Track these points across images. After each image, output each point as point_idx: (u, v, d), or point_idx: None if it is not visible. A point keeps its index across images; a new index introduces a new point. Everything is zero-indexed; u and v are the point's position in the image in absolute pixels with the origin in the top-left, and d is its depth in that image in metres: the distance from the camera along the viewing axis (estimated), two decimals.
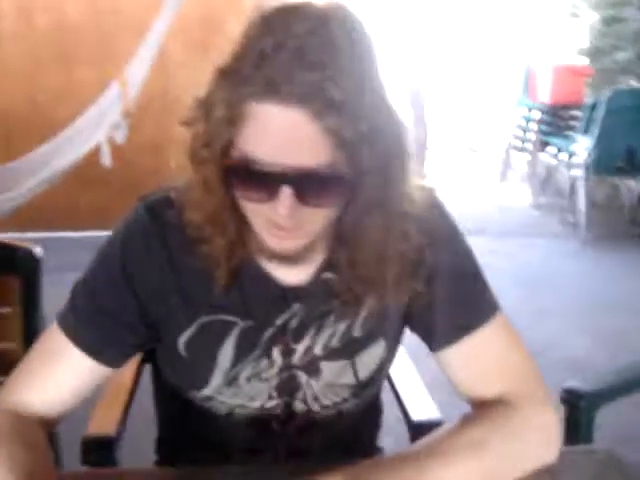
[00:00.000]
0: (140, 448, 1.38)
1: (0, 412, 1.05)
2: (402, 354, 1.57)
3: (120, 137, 3.71)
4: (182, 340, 1.11)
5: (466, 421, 1.07)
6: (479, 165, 7.46)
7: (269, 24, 0.91)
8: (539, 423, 1.07)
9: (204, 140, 0.95)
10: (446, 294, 1.10)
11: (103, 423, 1.39)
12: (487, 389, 1.10)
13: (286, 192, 0.91)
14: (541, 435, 1.06)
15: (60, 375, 1.08)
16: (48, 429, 1.08)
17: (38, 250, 1.60)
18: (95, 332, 1.08)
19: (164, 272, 1.08)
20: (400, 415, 1.49)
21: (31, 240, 1.62)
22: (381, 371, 1.19)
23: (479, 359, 1.11)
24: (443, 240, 1.10)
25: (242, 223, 1.02)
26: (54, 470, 1.01)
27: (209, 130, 0.94)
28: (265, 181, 0.92)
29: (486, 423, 1.05)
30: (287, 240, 0.99)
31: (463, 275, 1.13)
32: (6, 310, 1.58)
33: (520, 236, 5.39)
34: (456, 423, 1.07)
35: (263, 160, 0.90)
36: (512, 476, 1.02)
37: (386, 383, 1.56)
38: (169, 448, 1.35)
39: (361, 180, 0.94)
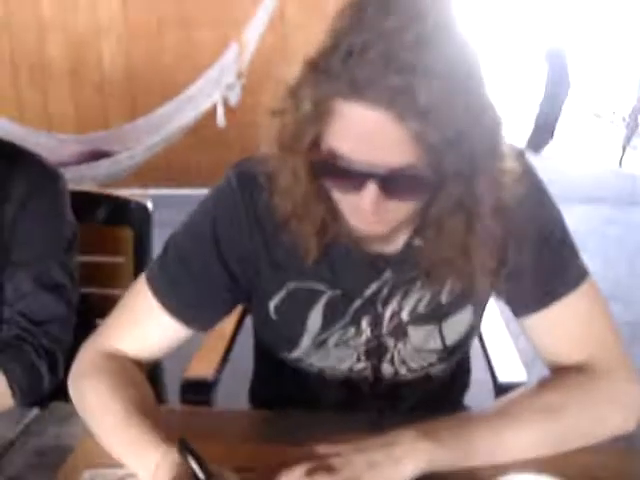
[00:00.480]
0: (236, 395, 1.46)
1: (99, 354, 1.14)
2: (495, 314, 1.58)
3: (234, 98, 3.79)
4: (272, 304, 1.15)
5: (543, 385, 1.08)
6: (603, 131, 7.21)
7: (361, 17, 0.88)
8: (618, 392, 1.06)
9: (292, 132, 0.96)
10: (534, 261, 1.09)
11: (202, 367, 1.49)
12: (569, 356, 1.10)
13: (371, 188, 0.92)
14: (619, 404, 1.06)
15: (147, 333, 1.15)
16: (144, 371, 1.16)
17: (149, 204, 1.69)
18: (183, 297, 1.12)
19: (253, 239, 1.11)
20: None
21: (148, 196, 1.71)
22: (468, 336, 1.21)
23: (563, 326, 1.10)
24: (532, 206, 1.08)
25: (330, 208, 1.03)
26: (156, 404, 1.09)
27: (297, 123, 0.94)
28: (351, 176, 0.93)
29: (563, 389, 1.06)
30: (373, 225, 1.00)
31: (551, 241, 1.11)
32: (119, 259, 1.70)
33: None
34: (533, 386, 1.09)
35: (349, 157, 0.91)
36: (586, 443, 1.03)
37: (476, 342, 1.59)
38: (262, 401, 1.41)
39: (444, 181, 0.93)
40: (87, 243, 1.56)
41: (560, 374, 1.10)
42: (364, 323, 1.15)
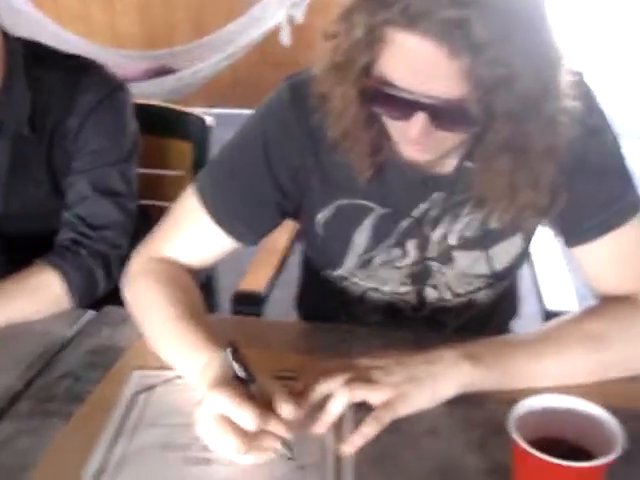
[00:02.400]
0: (286, 309, 1.48)
1: (151, 258, 1.16)
2: (549, 241, 1.55)
3: (299, 15, 3.74)
4: (319, 219, 1.16)
5: (587, 313, 1.07)
6: None
7: None
8: None
9: (345, 56, 0.94)
10: (588, 190, 1.07)
11: (255, 280, 1.51)
12: (617, 286, 1.09)
13: (419, 117, 0.91)
14: None
15: (196, 241, 1.17)
16: (195, 278, 1.18)
17: (209, 119, 1.70)
18: (231, 209, 1.14)
19: (304, 152, 1.11)
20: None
21: (211, 114, 1.72)
22: (516, 264, 1.20)
23: (616, 256, 1.09)
24: (589, 133, 1.04)
25: (381, 131, 1.02)
26: (205, 310, 1.12)
27: (350, 47, 0.93)
28: (400, 104, 0.92)
29: (609, 317, 1.05)
30: (422, 152, 0.99)
31: (607, 170, 1.08)
32: (179, 173, 1.72)
33: None
34: (578, 314, 1.08)
35: (399, 85, 0.90)
36: (630, 373, 1.02)
37: (528, 269, 1.57)
38: (308, 317, 1.44)
39: (494, 119, 0.91)
40: (148, 156, 1.58)
41: (607, 303, 1.08)
42: (410, 244, 1.15)
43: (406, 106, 0.91)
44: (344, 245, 1.16)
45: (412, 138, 0.95)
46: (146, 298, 1.11)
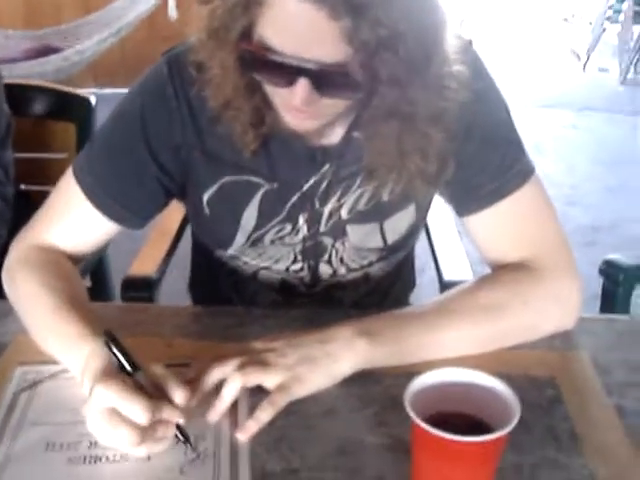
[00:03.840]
0: (178, 294, 1.44)
1: (30, 247, 1.10)
2: (444, 212, 1.55)
3: None
4: (205, 198, 1.12)
5: (482, 283, 1.07)
6: (570, 36, 7.12)
7: None
8: (557, 288, 1.05)
9: (221, 21, 0.90)
10: (478, 157, 1.06)
11: (145, 265, 1.46)
12: (510, 254, 1.08)
13: (302, 83, 0.87)
14: (558, 300, 1.05)
15: (77, 227, 1.10)
16: (77, 264, 1.12)
17: (92, 99, 1.64)
18: (110, 191, 1.07)
19: (185, 127, 1.06)
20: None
21: (98, 94, 1.65)
22: (410, 235, 1.18)
23: (506, 224, 1.08)
24: (477, 99, 1.01)
25: (263, 99, 0.98)
26: (87, 298, 1.06)
27: (226, 11, 0.89)
28: (282, 70, 0.88)
29: (503, 285, 1.05)
30: (306, 121, 0.96)
31: (497, 137, 1.07)
32: (62, 156, 1.64)
33: (604, 112, 5.19)
34: (472, 284, 1.08)
35: (280, 50, 0.86)
36: (525, 339, 1.03)
37: (425, 241, 1.58)
38: (201, 301, 1.40)
39: (378, 83, 0.88)
40: (28, 138, 1.51)
41: (501, 271, 1.08)
42: (301, 220, 1.12)
43: (288, 72, 0.88)
44: (232, 224, 1.12)
45: (295, 106, 0.91)
46: (25, 289, 1.04)
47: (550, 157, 4.18)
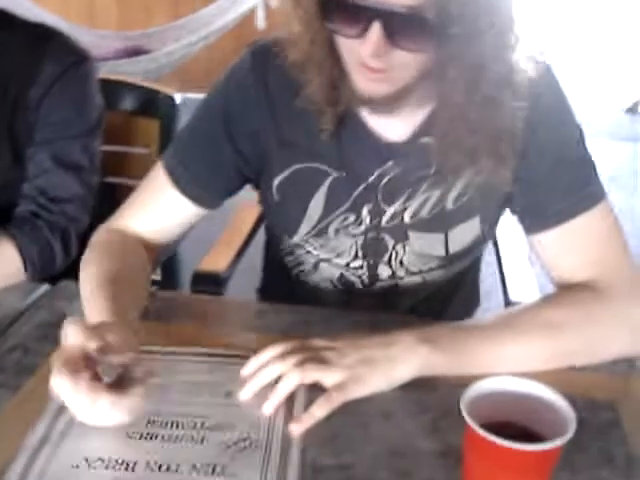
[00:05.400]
0: (247, 291, 1.47)
1: (108, 231, 1.17)
2: (518, 238, 1.54)
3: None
4: (276, 183, 1.16)
5: (546, 300, 1.06)
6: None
7: None
8: (625, 313, 1.03)
9: None
10: (550, 176, 1.07)
11: (215, 261, 1.49)
12: (576, 274, 1.07)
13: (375, 27, 0.90)
14: (625, 325, 1.03)
15: (158, 211, 1.17)
16: (153, 254, 1.17)
17: (177, 97, 1.68)
18: (191, 173, 1.15)
19: (263, 113, 1.12)
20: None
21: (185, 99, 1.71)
22: (473, 248, 1.19)
23: (574, 245, 1.08)
24: (549, 117, 1.05)
25: (338, 65, 1.01)
26: (138, 284, 1.09)
27: None
28: (357, 15, 0.91)
29: (567, 304, 1.04)
30: (376, 83, 0.97)
31: (570, 158, 1.08)
32: (146, 151, 1.69)
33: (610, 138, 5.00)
34: (536, 301, 1.07)
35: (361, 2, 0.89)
36: (588, 361, 1.01)
37: (495, 265, 1.57)
38: (268, 298, 1.42)
39: (448, 29, 0.90)
40: (114, 132, 1.56)
41: (566, 290, 1.07)
42: (364, 211, 1.14)
43: (363, 16, 0.90)
44: (300, 210, 1.16)
45: (367, 60, 0.93)
46: (84, 270, 1.09)
47: (629, 190, 4.08)
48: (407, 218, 1.14)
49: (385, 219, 1.14)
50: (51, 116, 1.33)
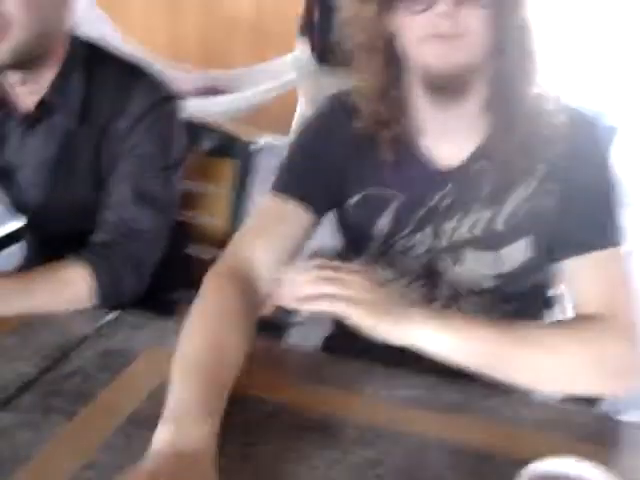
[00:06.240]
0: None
1: (222, 273, 1.15)
2: None
3: None
4: (351, 204, 1.25)
5: (555, 323, 1.15)
6: None
7: None
8: (606, 351, 1.04)
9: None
10: (580, 206, 1.14)
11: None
12: (586, 306, 1.11)
13: None
14: (602, 362, 1.04)
15: (279, 227, 1.21)
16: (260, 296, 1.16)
17: (254, 144, 1.72)
18: (300, 183, 1.24)
19: (343, 156, 1.23)
20: None
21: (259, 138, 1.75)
22: (528, 271, 1.21)
23: (580, 280, 1.13)
24: (589, 154, 1.15)
25: (402, 94, 1.15)
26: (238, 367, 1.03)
27: None
28: None
29: (563, 329, 1.08)
30: (448, 51, 1.04)
31: (600, 194, 1.14)
32: (220, 191, 1.74)
33: None
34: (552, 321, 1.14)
35: None
36: (562, 388, 1.06)
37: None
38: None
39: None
40: (191, 171, 1.59)
41: (576, 319, 1.12)
42: (426, 233, 1.21)
43: None
44: (369, 230, 1.23)
45: (443, 14, 1.01)
46: (184, 340, 1.03)
47: None
48: (464, 234, 1.19)
49: (444, 239, 1.20)
50: (136, 149, 1.37)
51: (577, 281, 1.15)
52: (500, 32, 1.06)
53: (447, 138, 1.17)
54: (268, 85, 3.96)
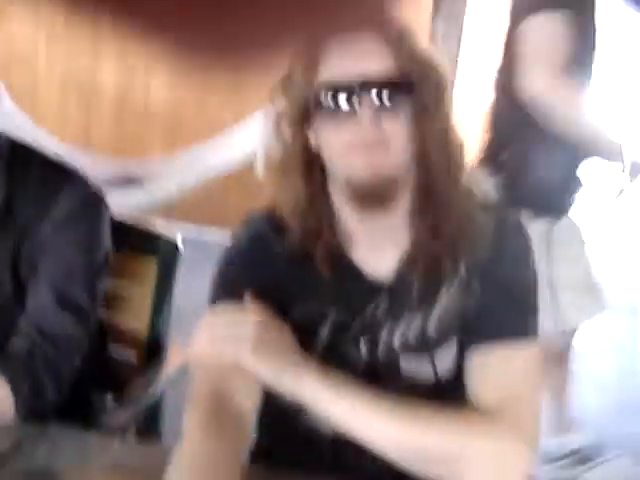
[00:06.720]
0: None
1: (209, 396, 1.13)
2: None
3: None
4: (291, 318, 1.17)
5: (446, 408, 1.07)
6: None
7: None
8: (497, 449, 1.04)
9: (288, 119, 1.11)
10: (489, 301, 1.13)
11: None
12: (481, 401, 1.10)
13: (366, 99, 1.03)
14: (489, 460, 1.04)
15: None
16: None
17: (179, 241, 1.69)
18: (238, 288, 1.16)
19: (280, 266, 1.19)
20: None
21: (177, 232, 1.72)
22: (460, 366, 1.18)
23: (486, 369, 1.12)
24: (511, 252, 1.15)
25: (329, 204, 1.15)
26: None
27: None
28: (348, 93, 1.04)
29: (452, 415, 1.06)
30: (375, 157, 1.05)
31: (514, 289, 1.14)
32: (141, 289, 1.69)
33: None
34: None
35: (345, 80, 1.04)
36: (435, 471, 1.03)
37: None
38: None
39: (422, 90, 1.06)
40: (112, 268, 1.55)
41: (469, 409, 1.10)
42: (363, 341, 1.18)
43: (355, 93, 1.04)
44: (308, 342, 1.17)
45: (364, 128, 1.04)
46: (185, 440, 1.07)
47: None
48: (396, 343, 1.17)
49: (380, 348, 1.18)
50: (58, 254, 1.33)
51: (477, 371, 1.13)
52: (423, 137, 1.08)
53: (376, 248, 1.17)
54: (186, 179, 3.95)
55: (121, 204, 3.66)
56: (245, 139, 3.98)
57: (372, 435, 1.04)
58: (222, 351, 1.03)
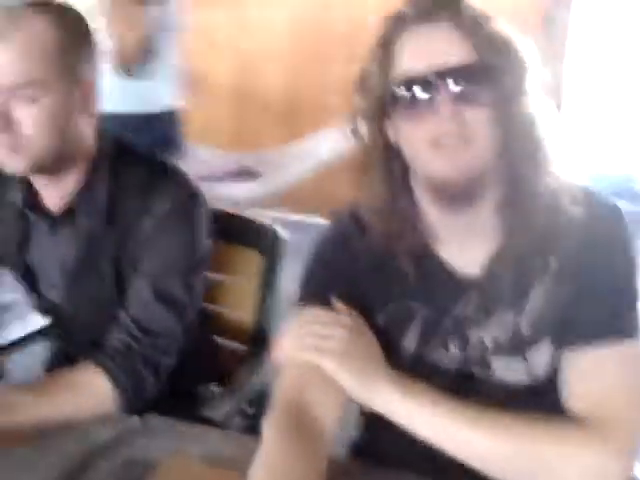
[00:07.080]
0: None
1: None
2: None
3: None
4: (377, 322, 1.16)
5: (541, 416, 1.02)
6: None
7: None
8: (588, 458, 0.98)
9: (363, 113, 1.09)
10: (585, 298, 1.07)
11: None
12: (577, 404, 1.04)
13: (448, 88, 0.99)
14: (582, 470, 0.98)
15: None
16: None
17: (282, 231, 1.70)
18: (322, 293, 1.16)
19: (364, 266, 1.17)
20: None
21: (286, 222, 1.73)
22: (556, 369, 1.12)
23: (583, 373, 1.06)
24: (605, 244, 1.08)
25: (412, 204, 1.11)
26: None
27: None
28: (426, 88, 1.01)
29: (541, 422, 1.01)
30: (454, 155, 1.01)
31: (611, 285, 1.07)
32: (245, 281, 1.71)
33: None
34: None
35: (421, 71, 1.01)
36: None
37: None
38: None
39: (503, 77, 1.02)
40: (215, 260, 1.57)
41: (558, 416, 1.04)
42: (454, 343, 1.14)
43: (432, 87, 1.00)
44: (396, 349, 1.15)
45: (443, 124, 1.00)
46: (258, 463, 1.01)
47: None
48: (488, 342, 1.13)
49: (471, 349, 1.14)
50: (158, 251, 1.35)
51: (570, 374, 1.07)
52: (506, 128, 1.03)
53: (463, 245, 1.13)
54: (301, 166, 3.96)
55: (237, 196, 3.74)
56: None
57: (455, 445, 1.02)
58: (306, 354, 1.05)
